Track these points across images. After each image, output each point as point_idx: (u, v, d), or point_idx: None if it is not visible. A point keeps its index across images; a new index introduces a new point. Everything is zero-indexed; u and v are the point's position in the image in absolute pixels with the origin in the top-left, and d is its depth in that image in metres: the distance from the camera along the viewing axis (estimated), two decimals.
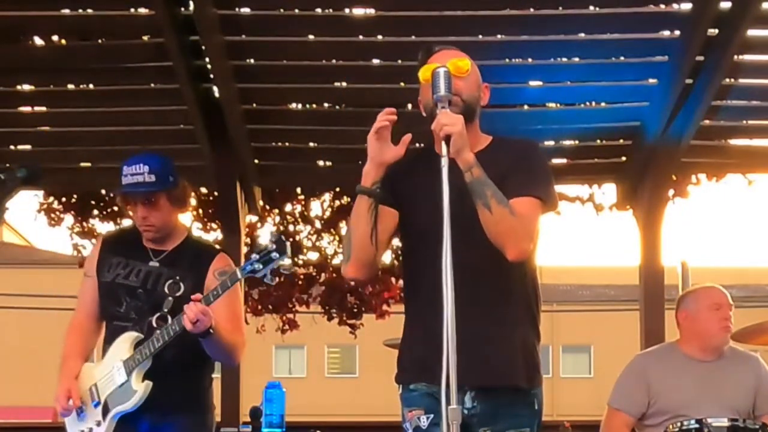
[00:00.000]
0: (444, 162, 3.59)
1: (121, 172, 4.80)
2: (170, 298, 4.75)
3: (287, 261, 4.58)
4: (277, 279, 4.59)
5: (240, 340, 4.83)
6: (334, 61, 8.04)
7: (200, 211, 12.26)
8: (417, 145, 3.99)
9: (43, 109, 8.54)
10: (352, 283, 13.30)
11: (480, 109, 3.92)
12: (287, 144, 8.74)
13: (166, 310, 4.74)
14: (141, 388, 4.68)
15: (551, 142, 8.59)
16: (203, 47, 7.45)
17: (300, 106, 8.79)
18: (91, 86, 8.38)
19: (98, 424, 4.75)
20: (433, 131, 3.71)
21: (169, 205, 4.84)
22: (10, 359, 34.04)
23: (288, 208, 12.86)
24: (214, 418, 5.00)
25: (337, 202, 12.77)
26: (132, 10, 7.62)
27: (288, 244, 4.60)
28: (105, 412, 4.74)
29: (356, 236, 3.79)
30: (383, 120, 3.74)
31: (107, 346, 4.82)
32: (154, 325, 4.73)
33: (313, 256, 13.14)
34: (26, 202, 12.98)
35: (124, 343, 4.74)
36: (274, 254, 4.54)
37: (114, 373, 4.72)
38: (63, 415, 4.83)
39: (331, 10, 7.62)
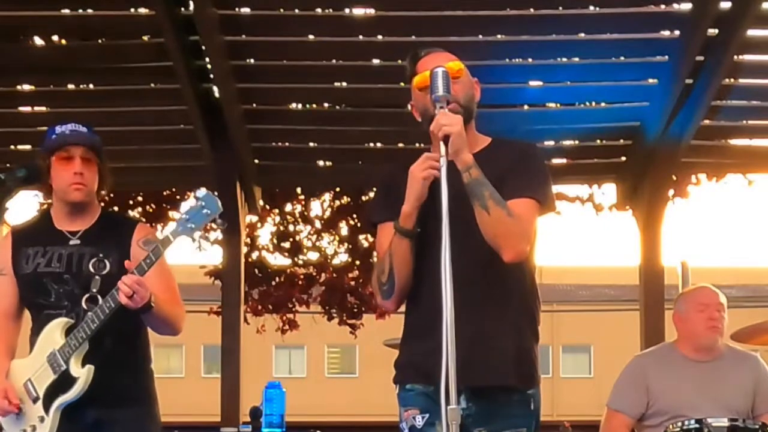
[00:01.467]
0: (442, 162, 3.59)
1: (52, 131, 4.62)
2: (97, 277, 4.54)
3: (217, 212, 4.30)
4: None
5: (180, 312, 4.64)
6: (334, 61, 8.04)
7: None
8: (417, 145, 3.99)
9: (43, 109, 8.54)
10: (353, 283, 13.35)
11: (476, 109, 3.90)
12: (287, 144, 8.74)
13: (95, 290, 4.52)
14: (82, 373, 4.45)
15: (551, 142, 8.59)
16: (203, 47, 7.45)
17: (300, 106, 8.79)
18: (91, 86, 8.38)
19: (41, 419, 4.52)
20: (430, 132, 3.71)
21: (97, 175, 4.67)
22: None
23: (288, 208, 12.87)
24: (159, 406, 4.78)
25: (337, 202, 12.79)
26: (132, 10, 7.63)
27: (217, 199, 4.34)
28: (47, 405, 4.51)
29: (400, 277, 3.79)
30: (434, 167, 3.67)
31: (35, 338, 4.60)
32: (85, 307, 4.51)
33: (313, 256, 13.16)
34: (26, 202, 12.96)
35: (54, 332, 4.53)
36: (205, 210, 4.30)
37: (49, 364, 4.50)
38: (4, 416, 4.56)
39: (331, 10, 7.62)
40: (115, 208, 11.84)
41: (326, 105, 8.69)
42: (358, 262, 12.86)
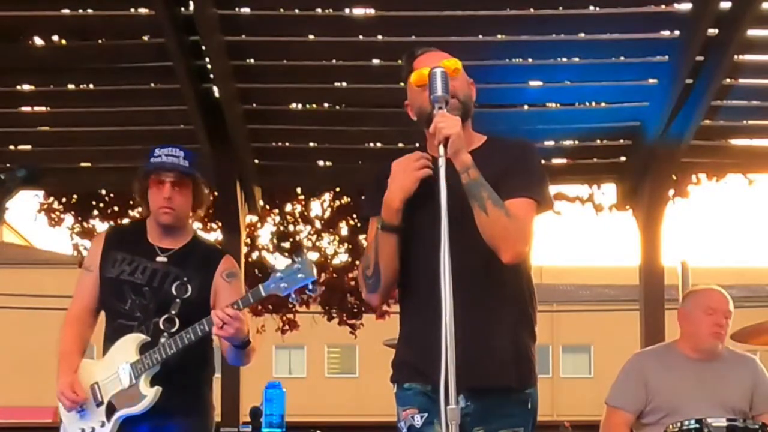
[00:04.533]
0: (441, 162, 3.58)
1: (152, 153, 4.79)
2: (178, 300, 4.70)
3: (311, 284, 4.45)
4: (301, 299, 4.55)
5: (257, 346, 4.80)
6: (334, 61, 8.04)
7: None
8: (417, 145, 3.98)
9: (43, 109, 8.55)
10: (353, 283, 13.34)
11: (474, 109, 3.90)
12: (287, 144, 8.74)
13: (173, 312, 4.68)
14: (150, 393, 4.61)
15: (551, 142, 8.59)
16: (203, 47, 7.45)
17: (300, 106, 8.79)
18: (91, 86, 8.38)
19: (102, 424, 4.68)
20: (427, 132, 3.70)
21: (191, 198, 4.81)
22: (9, 359, 34.05)
23: (288, 208, 12.87)
24: (214, 419, 4.97)
25: (337, 202, 12.79)
26: (132, 10, 7.63)
27: (313, 265, 4.47)
28: (109, 412, 4.67)
29: (386, 273, 3.80)
30: (427, 166, 3.70)
31: (109, 344, 4.75)
32: (161, 327, 4.67)
33: (313, 256, 13.14)
34: (26, 202, 12.98)
35: (130, 345, 4.67)
36: (300, 275, 4.42)
37: (120, 375, 4.65)
38: (70, 409, 4.73)
39: (331, 10, 7.62)
40: (115, 208, 11.89)
41: (326, 105, 8.68)
42: (358, 262, 12.82)
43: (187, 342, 4.54)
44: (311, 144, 8.75)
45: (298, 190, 12.35)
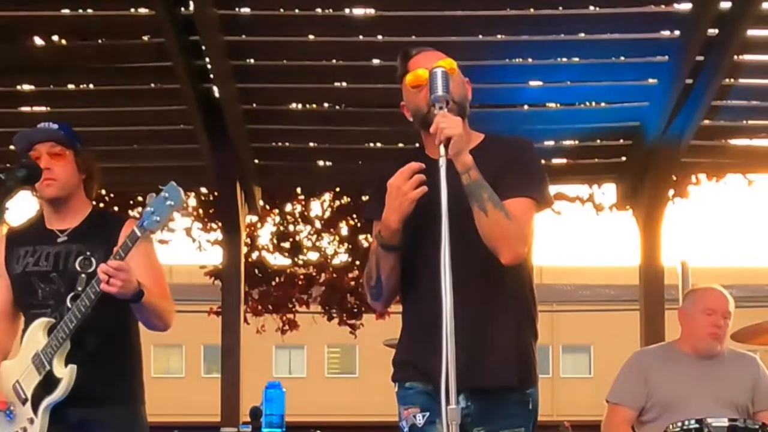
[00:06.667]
0: (442, 162, 3.57)
1: (26, 134, 4.62)
2: (83, 275, 4.49)
3: (179, 202, 4.30)
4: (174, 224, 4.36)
5: (170, 307, 4.58)
6: (334, 61, 8.04)
7: (200, 211, 12.27)
8: (417, 145, 3.98)
9: (43, 109, 8.54)
10: (353, 283, 13.34)
11: (469, 108, 3.89)
12: (287, 144, 8.75)
13: (80, 288, 4.46)
14: (65, 373, 4.41)
15: (551, 142, 8.60)
16: (203, 47, 7.46)
17: (300, 106, 8.79)
18: (91, 86, 8.38)
19: (31, 421, 4.49)
20: (426, 134, 3.70)
21: (74, 166, 4.63)
22: None
23: (288, 208, 12.86)
24: (144, 409, 4.73)
25: (337, 202, 12.78)
26: (132, 10, 7.63)
27: (180, 189, 4.32)
28: (35, 406, 4.48)
29: (389, 284, 3.83)
30: (423, 182, 3.66)
31: (22, 339, 4.58)
32: (69, 306, 4.45)
33: (313, 256, 13.15)
34: (26, 202, 12.96)
35: (37, 332, 4.50)
36: (169, 201, 4.28)
37: (34, 365, 4.47)
38: None
39: (331, 10, 7.62)
40: (116, 208, 11.87)
41: (326, 105, 8.69)
42: (358, 262, 12.84)
43: (84, 309, 4.33)
44: (311, 144, 8.75)
45: (298, 190, 12.35)
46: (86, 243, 4.57)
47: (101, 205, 12.13)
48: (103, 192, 11.89)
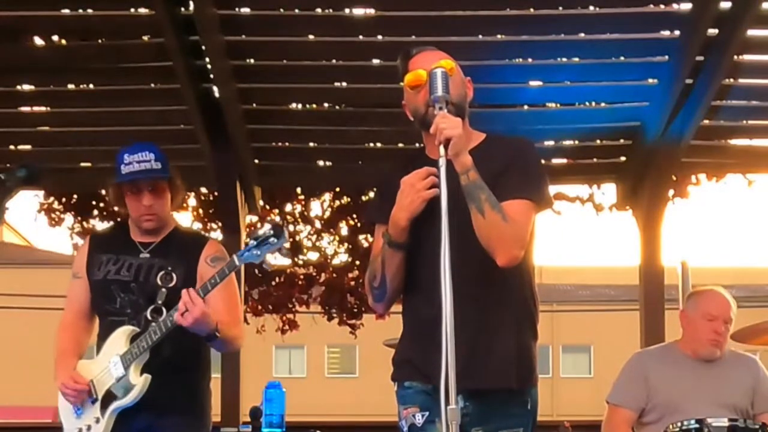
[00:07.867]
0: (441, 162, 3.57)
1: (122, 160, 4.72)
2: (163, 290, 4.69)
3: (285, 244, 4.47)
4: (273, 261, 4.50)
5: (240, 333, 4.80)
6: (334, 61, 8.04)
7: (200, 211, 12.27)
8: (417, 145, 3.98)
9: (43, 109, 8.54)
10: (353, 283, 13.34)
11: (468, 108, 3.88)
12: (287, 144, 8.74)
13: (160, 302, 4.67)
14: (140, 381, 4.60)
15: (551, 142, 8.59)
16: (203, 47, 7.45)
17: (300, 106, 8.79)
18: (91, 86, 8.38)
19: (97, 420, 4.67)
20: (426, 134, 3.69)
21: (169, 198, 4.81)
22: (9, 359, 34.04)
23: (288, 208, 12.87)
24: (211, 419, 4.94)
25: (337, 202, 12.78)
26: (132, 10, 7.62)
27: (285, 229, 4.51)
28: (104, 407, 4.66)
29: (393, 285, 3.84)
30: (435, 185, 3.66)
31: (102, 343, 4.74)
32: (149, 318, 4.66)
33: (313, 256, 13.15)
34: (26, 202, 12.98)
35: (120, 338, 4.67)
36: (272, 239, 4.45)
37: (111, 368, 4.64)
38: (75, 401, 4.71)
39: (331, 10, 7.62)
40: (116, 208, 11.88)
41: (326, 105, 8.68)
42: (358, 262, 12.85)
43: (170, 325, 4.51)
44: (311, 144, 8.75)
45: (298, 190, 12.35)
46: (168, 259, 4.76)
47: (101, 205, 12.17)
48: (103, 192, 11.90)
